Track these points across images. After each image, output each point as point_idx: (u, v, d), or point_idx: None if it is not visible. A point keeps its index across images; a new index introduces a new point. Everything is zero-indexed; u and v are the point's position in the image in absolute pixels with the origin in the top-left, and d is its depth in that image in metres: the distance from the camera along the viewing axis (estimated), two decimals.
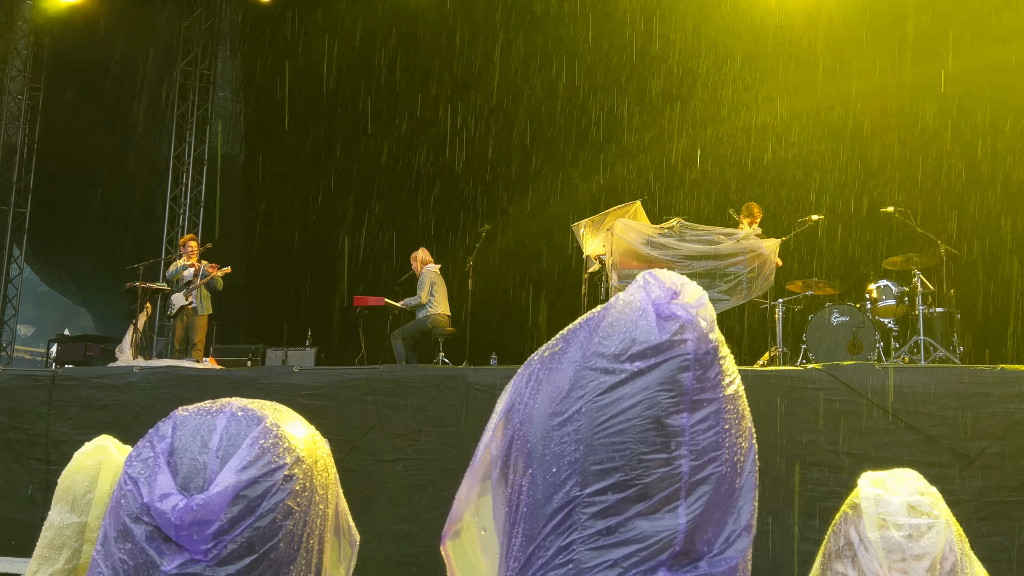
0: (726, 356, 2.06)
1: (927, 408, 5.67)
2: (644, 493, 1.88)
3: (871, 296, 8.62)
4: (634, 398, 1.91)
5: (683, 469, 1.90)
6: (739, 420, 2.02)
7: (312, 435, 2.63)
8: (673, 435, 1.91)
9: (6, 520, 7.08)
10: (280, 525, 2.32)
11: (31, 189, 14.95)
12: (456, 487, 6.64)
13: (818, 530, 5.59)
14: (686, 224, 8.99)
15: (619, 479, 1.91)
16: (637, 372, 1.93)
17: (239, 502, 2.26)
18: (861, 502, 2.21)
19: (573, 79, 13.33)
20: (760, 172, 12.13)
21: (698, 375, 1.94)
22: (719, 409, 1.97)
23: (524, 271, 13.06)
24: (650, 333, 1.96)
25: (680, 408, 1.93)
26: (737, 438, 2.01)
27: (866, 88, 11.33)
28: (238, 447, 2.36)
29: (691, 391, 1.95)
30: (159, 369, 7.54)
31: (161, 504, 2.26)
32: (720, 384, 1.99)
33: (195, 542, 2.25)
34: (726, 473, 1.95)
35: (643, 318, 2.00)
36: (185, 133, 15.33)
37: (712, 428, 1.93)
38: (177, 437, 2.41)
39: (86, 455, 2.68)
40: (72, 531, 2.54)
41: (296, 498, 2.39)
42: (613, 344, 2.00)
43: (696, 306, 2.00)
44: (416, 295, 10.23)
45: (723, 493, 1.93)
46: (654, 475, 1.89)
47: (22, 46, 14.82)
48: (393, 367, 7.52)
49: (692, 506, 1.91)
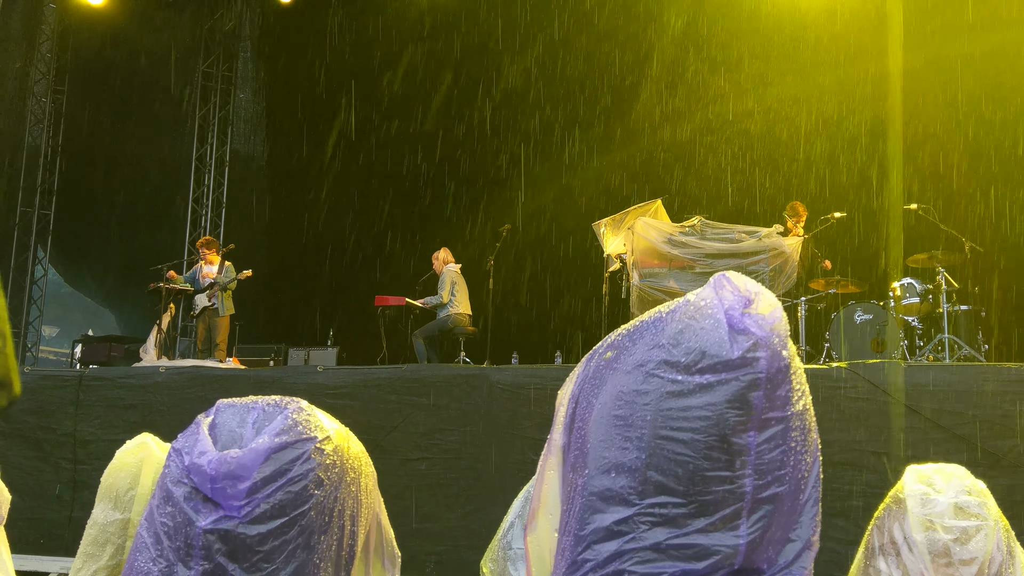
0: (797, 370, 1.99)
1: (954, 407, 5.64)
2: (704, 509, 1.83)
3: (895, 294, 8.55)
4: (701, 412, 1.85)
5: (746, 488, 1.85)
6: (805, 435, 1.97)
7: (344, 430, 2.72)
8: (738, 453, 1.85)
9: (35, 519, 7.16)
10: (311, 494, 2.41)
11: (55, 191, 15.08)
12: (480, 486, 6.68)
13: (843, 528, 5.56)
14: (707, 222, 8.96)
15: (680, 493, 1.86)
16: (706, 385, 1.87)
17: (271, 464, 2.36)
18: (906, 499, 2.14)
19: (593, 75, 13.31)
20: (784, 169, 12.06)
21: (768, 394, 1.88)
22: (786, 428, 1.90)
23: (545, 270, 13.05)
24: (722, 347, 1.90)
25: (747, 427, 1.87)
26: (803, 455, 1.96)
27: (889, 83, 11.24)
28: (274, 420, 2.48)
29: (760, 410, 1.88)
30: (184, 369, 7.60)
31: (199, 460, 2.37)
32: (789, 402, 1.93)
33: (229, 497, 2.33)
34: (789, 491, 1.90)
35: (716, 329, 1.93)
36: (207, 134, 15.44)
37: (779, 447, 1.87)
38: (218, 416, 2.54)
39: (128, 453, 2.73)
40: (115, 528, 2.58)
41: (326, 471, 2.48)
42: (681, 353, 1.95)
43: (771, 320, 1.93)
44: (437, 294, 10.26)
45: (785, 511, 1.88)
46: (716, 492, 1.84)
47: (46, 50, 14.96)
48: (416, 366, 7.55)
49: (753, 525, 1.86)
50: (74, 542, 6.32)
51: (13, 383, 1.12)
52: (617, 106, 13.25)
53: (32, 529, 7.10)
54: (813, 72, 11.78)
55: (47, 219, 15.03)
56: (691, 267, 8.66)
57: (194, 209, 15.25)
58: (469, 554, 6.17)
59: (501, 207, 13.55)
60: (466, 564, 6.18)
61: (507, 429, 6.44)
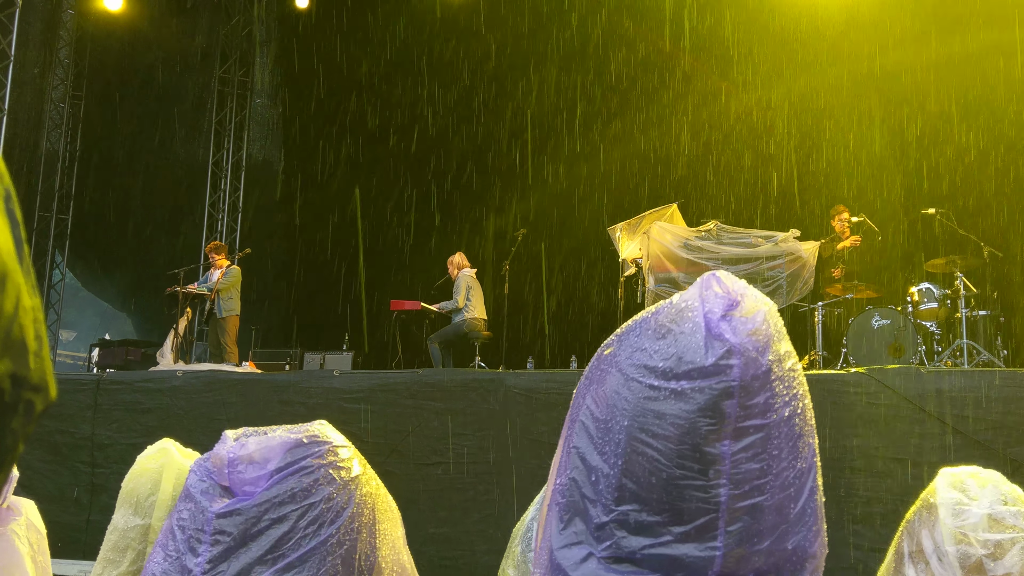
0: (784, 375, 1.95)
1: (973, 412, 5.60)
2: (679, 518, 1.80)
3: (913, 299, 8.51)
4: (674, 420, 1.82)
5: (721, 498, 1.81)
6: (794, 443, 1.93)
7: (359, 455, 2.77)
8: (711, 463, 1.82)
9: (52, 523, 7.12)
10: (321, 487, 2.43)
11: (72, 196, 15.19)
12: (496, 490, 6.66)
13: (861, 535, 5.53)
14: (724, 227, 8.93)
15: (654, 501, 1.84)
16: (680, 392, 1.84)
17: (287, 456, 2.40)
18: (938, 506, 2.09)
19: (611, 80, 13.31)
20: (801, 174, 12.03)
21: (743, 402, 1.84)
22: (767, 436, 1.87)
23: (560, 275, 13.05)
24: (697, 353, 1.88)
25: (721, 436, 1.84)
26: (790, 463, 1.91)
27: (908, 87, 11.20)
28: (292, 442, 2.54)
29: (734, 419, 1.85)
30: (202, 373, 7.62)
31: (218, 449, 2.42)
32: (771, 409, 1.89)
33: (244, 482, 2.37)
34: (774, 502, 1.86)
35: (694, 334, 1.91)
36: (223, 139, 15.52)
37: (758, 456, 1.83)
38: (241, 440, 2.59)
39: (149, 459, 2.74)
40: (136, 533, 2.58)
41: (339, 471, 2.51)
42: (660, 358, 1.93)
43: (749, 325, 1.89)
44: (452, 299, 10.26)
45: (770, 522, 1.84)
46: (690, 501, 1.81)
47: (64, 55, 15.07)
48: (432, 371, 7.54)
49: (731, 536, 1.82)
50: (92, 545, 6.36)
51: (50, 386, 1.12)
52: (634, 110, 13.24)
53: (50, 532, 7.08)
54: (832, 76, 11.74)
55: (65, 224, 15.13)
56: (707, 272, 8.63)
57: (210, 214, 15.32)
58: (486, 559, 6.16)
59: (517, 211, 13.56)
60: (483, 569, 6.17)
61: (522, 434, 6.43)
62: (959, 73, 10.85)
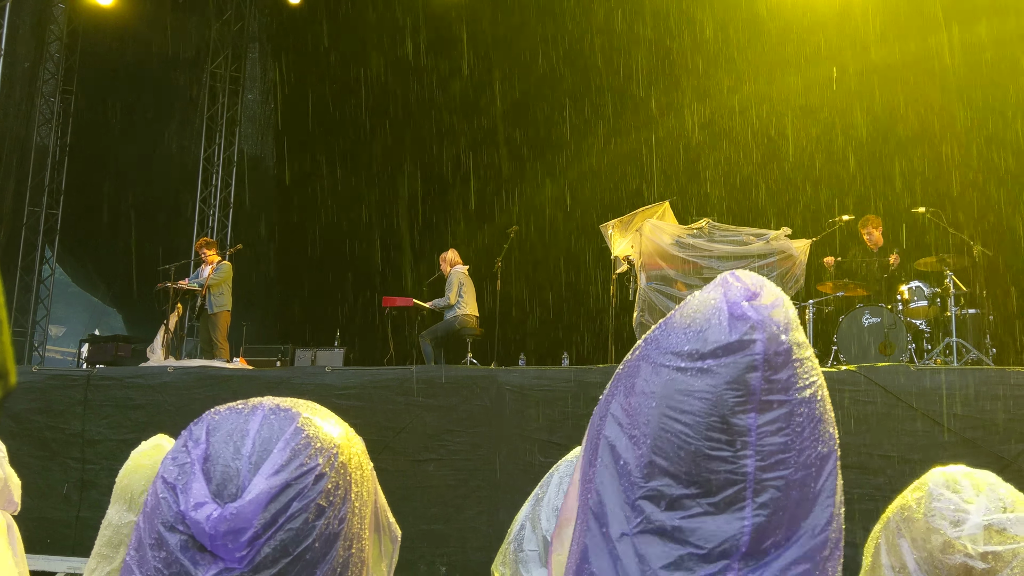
0: (803, 359, 2.02)
1: (963, 410, 5.63)
2: (708, 491, 1.86)
3: (903, 297, 8.55)
4: (702, 394, 1.90)
5: (748, 469, 1.87)
6: (815, 425, 1.99)
7: (346, 432, 2.66)
8: (739, 434, 1.89)
9: (42, 519, 7.16)
10: (313, 525, 2.36)
11: (63, 191, 15.12)
12: (488, 487, 6.67)
13: (850, 532, 5.55)
14: (715, 225, 8.96)
15: (683, 474, 1.90)
16: (707, 370, 1.92)
17: (272, 507, 2.30)
18: (930, 514, 2.07)
19: (602, 77, 13.32)
20: (790, 172, 12.06)
21: (767, 376, 1.92)
22: (790, 412, 1.93)
23: (552, 272, 13.06)
24: (721, 332, 1.95)
25: (747, 408, 1.91)
26: (812, 443, 1.97)
27: (899, 87, 11.24)
28: (270, 451, 2.41)
29: (759, 391, 1.92)
30: (192, 369, 7.61)
31: (195, 514, 2.29)
32: (793, 387, 1.96)
33: (230, 550, 2.29)
34: (797, 477, 1.92)
35: (716, 317, 1.98)
36: (215, 135, 15.48)
37: (781, 431, 1.90)
38: (212, 442, 2.45)
39: (143, 454, 2.72)
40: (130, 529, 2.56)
41: (328, 496, 2.43)
42: (686, 342, 1.99)
43: (771, 307, 1.98)
44: (445, 296, 10.26)
45: (794, 498, 1.90)
46: (718, 473, 1.87)
47: (55, 49, 15.00)
48: (425, 368, 7.55)
49: (759, 508, 1.88)
50: (81, 542, 6.36)
51: (9, 372, 1.12)
52: (626, 108, 13.25)
53: (39, 528, 7.11)
54: (825, 76, 11.78)
55: (55, 219, 15.07)
56: (699, 270, 8.67)
57: (201, 209, 15.29)
58: (478, 555, 6.17)
59: (509, 209, 13.57)
60: (475, 565, 6.18)
61: (515, 430, 6.45)
62: (950, 71, 10.89)
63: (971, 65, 10.72)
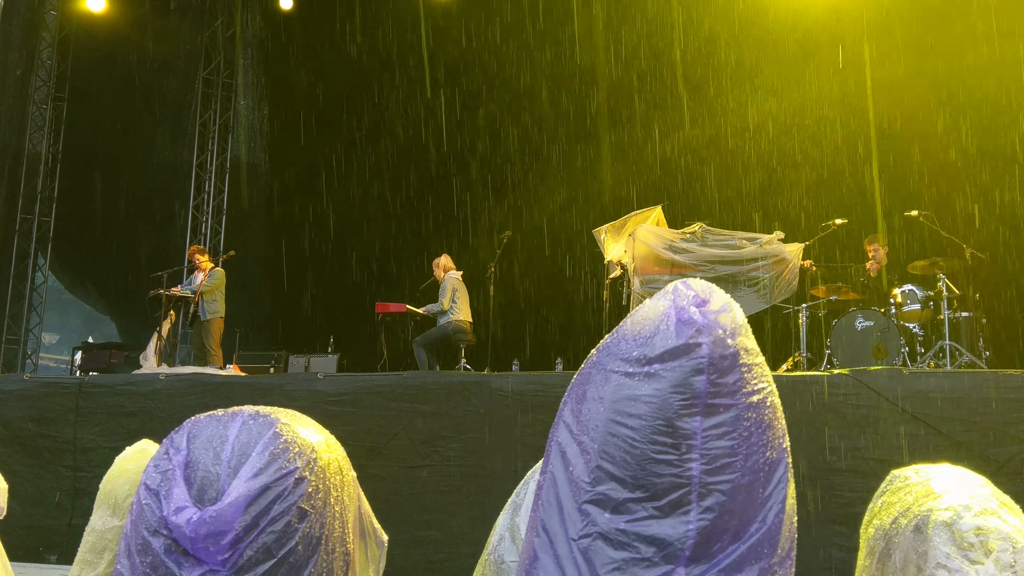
0: (752, 364, 2.01)
1: (956, 413, 5.63)
2: (654, 494, 1.86)
3: (896, 301, 8.56)
4: (647, 399, 1.90)
5: (693, 473, 1.87)
6: (763, 430, 1.98)
7: (325, 439, 2.63)
8: (684, 438, 1.89)
9: (34, 527, 7.13)
10: (295, 528, 2.34)
11: (55, 198, 15.07)
12: (481, 493, 6.65)
13: (845, 535, 5.55)
14: (708, 229, 8.96)
15: (628, 479, 1.90)
16: (653, 374, 1.91)
17: (252, 509, 2.28)
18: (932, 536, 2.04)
19: (594, 83, 13.33)
20: (783, 175, 12.08)
21: (712, 379, 1.91)
22: (737, 416, 1.92)
23: (546, 277, 13.05)
24: (668, 337, 1.95)
25: (693, 411, 1.90)
26: (759, 448, 1.96)
27: (890, 90, 11.26)
28: (249, 455, 2.39)
29: (704, 395, 1.92)
30: (184, 376, 7.58)
31: (176, 518, 2.28)
32: (740, 391, 1.95)
33: (212, 553, 2.27)
34: (743, 482, 1.91)
35: (664, 322, 1.99)
36: (207, 141, 15.46)
37: (727, 434, 1.89)
38: (192, 449, 2.43)
39: (127, 460, 2.70)
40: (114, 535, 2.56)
41: (310, 500, 2.41)
42: (635, 348, 1.99)
43: (717, 312, 1.97)
44: (438, 301, 10.24)
45: (740, 502, 1.88)
46: (663, 477, 1.87)
47: (46, 56, 14.96)
48: (417, 373, 7.53)
49: (704, 512, 1.87)
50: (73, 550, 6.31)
51: None
52: (619, 114, 13.26)
53: (31, 536, 7.08)
54: (815, 79, 11.80)
55: (47, 226, 15.01)
56: (692, 273, 8.66)
57: (194, 216, 15.26)
58: (471, 562, 6.14)
59: (502, 214, 13.56)
60: (468, 571, 6.16)
61: (508, 436, 6.43)
62: (944, 78, 10.92)
63: (965, 68, 10.75)
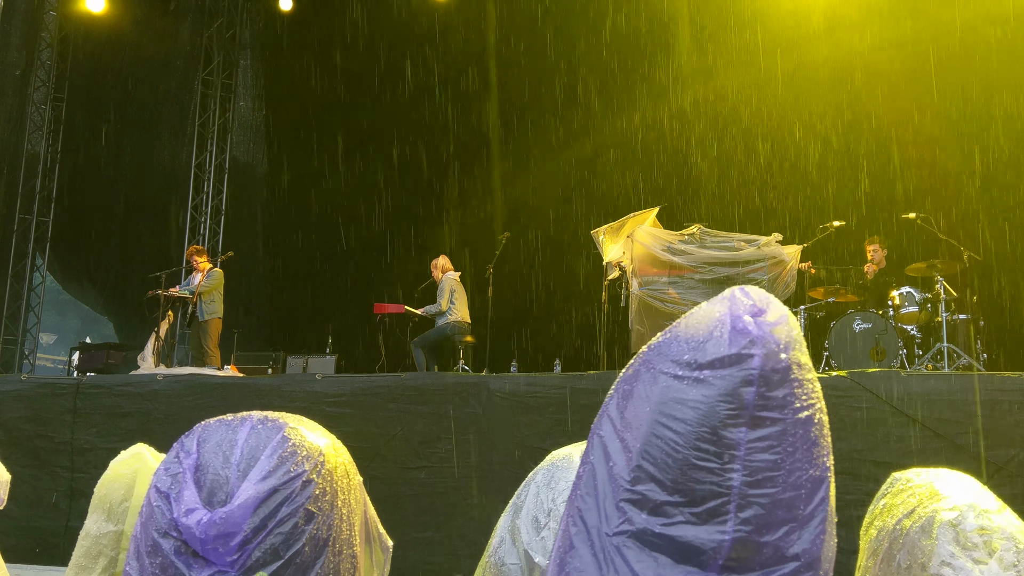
0: (804, 380, 1.99)
1: (954, 416, 5.63)
2: (692, 500, 1.85)
3: (894, 303, 8.56)
4: (695, 404, 1.89)
5: (733, 483, 1.85)
6: (809, 447, 1.96)
7: (332, 443, 2.65)
8: (727, 447, 1.87)
9: (31, 528, 7.12)
10: (303, 530, 2.35)
11: (53, 198, 15.06)
12: (479, 494, 6.65)
13: (843, 538, 5.53)
14: (707, 230, 8.96)
15: (668, 481, 1.89)
16: (702, 380, 1.90)
17: (260, 511, 2.29)
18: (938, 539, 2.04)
19: (592, 83, 13.33)
20: (780, 177, 12.08)
21: (761, 392, 1.89)
22: (783, 431, 1.90)
23: (544, 278, 13.05)
24: (720, 345, 1.94)
25: (739, 422, 1.89)
26: (804, 465, 1.94)
27: (888, 92, 11.27)
28: (258, 459, 2.40)
29: (752, 406, 1.90)
30: (182, 377, 7.57)
31: (186, 519, 2.29)
32: (789, 406, 1.93)
33: (221, 554, 2.28)
34: (785, 497, 1.89)
35: (718, 329, 1.97)
36: (206, 142, 15.46)
37: (772, 448, 1.88)
38: (202, 452, 2.44)
39: (122, 464, 2.69)
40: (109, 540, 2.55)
41: (317, 502, 2.42)
42: (686, 351, 1.98)
43: (773, 324, 1.96)
44: (436, 302, 10.24)
45: (780, 517, 1.87)
46: (703, 484, 1.86)
47: (46, 56, 14.95)
48: (416, 374, 7.53)
49: (741, 523, 1.86)
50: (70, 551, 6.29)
51: None
52: (616, 114, 13.25)
53: (28, 538, 7.07)
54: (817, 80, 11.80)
55: (46, 226, 15.00)
56: (691, 274, 8.66)
57: (193, 217, 15.25)
58: (469, 563, 6.15)
59: (501, 215, 13.55)
60: (466, 573, 6.16)
61: (506, 437, 6.42)
62: (941, 76, 10.92)
63: (965, 70, 10.76)
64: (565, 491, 2.79)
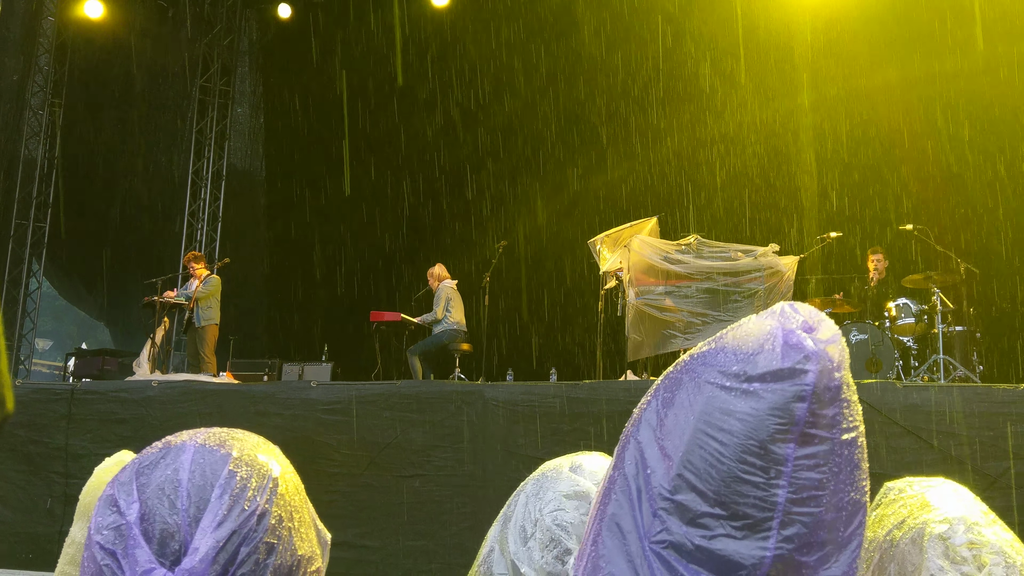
0: (851, 401, 1.98)
1: (949, 427, 5.62)
2: (734, 514, 1.82)
3: (890, 314, 8.56)
4: (743, 416, 1.85)
5: (779, 499, 1.82)
6: (852, 469, 1.94)
7: (276, 459, 2.55)
8: (774, 463, 1.84)
9: (25, 534, 7.10)
10: (265, 564, 2.27)
11: (50, 204, 15.04)
12: (474, 503, 6.64)
13: None
14: (704, 240, 8.96)
15: (711, 493, 1.86)
16: (751, 392, 1.87)
17: (220, 559, 2.20)
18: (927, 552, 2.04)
19: (592, 94, 13.36)
20: (778, 188, 12.10)
21: (813, 409, 1.87)
22: (831, 451, 1.88)
23: (540, 287, 13.05)
24: (773, 358, 1.91)
25: (788, 437, 1.86)
26: (847, 487, 1.92)
27: (886, 106, 11.29)
28: (207, 500, 2.28)
29: (802, 423, 1.87)
30: (177, 384, 7.55)
31: (136, 551, 2.21)
32: (837, 426, 1.91)
33: None
34: (828, 517, 1.86)
35: (770, 342, 1.95)
36: (204, 149, 15.46)
37: (819, 467, 1.85)
38: (144, 500, 2.32)
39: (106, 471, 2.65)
40: None
41: (274, 532, 2.33)
42: (735, 362, 1.96)
43: (827, 342, 1.94)
44: (432, 311, 10.24)
45: (823, 537, 1.84)
46: (747, 498, 1.83)
47: (43, 62, 14.95)
48: (411, 382, 7.52)
49: (783, 540, 1.83)
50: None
51: (6, 400, 1.10)
52: (614, 125, 13.27)
53: (22, 544, 7.04)
54: (814, 93, 11.83)
55: (42, 231, 14.98)
56: (688, 283, 8.66)
57: (190, 223, 15.24)
58: (463, 572, 6.12)
59: (498, 224, 13.56)
60: None
61: (502, 446, 6.41)
62: (936, 90, 10.95)
63: (961, 82, 10.79)
64: (551, 502, 2.76)
